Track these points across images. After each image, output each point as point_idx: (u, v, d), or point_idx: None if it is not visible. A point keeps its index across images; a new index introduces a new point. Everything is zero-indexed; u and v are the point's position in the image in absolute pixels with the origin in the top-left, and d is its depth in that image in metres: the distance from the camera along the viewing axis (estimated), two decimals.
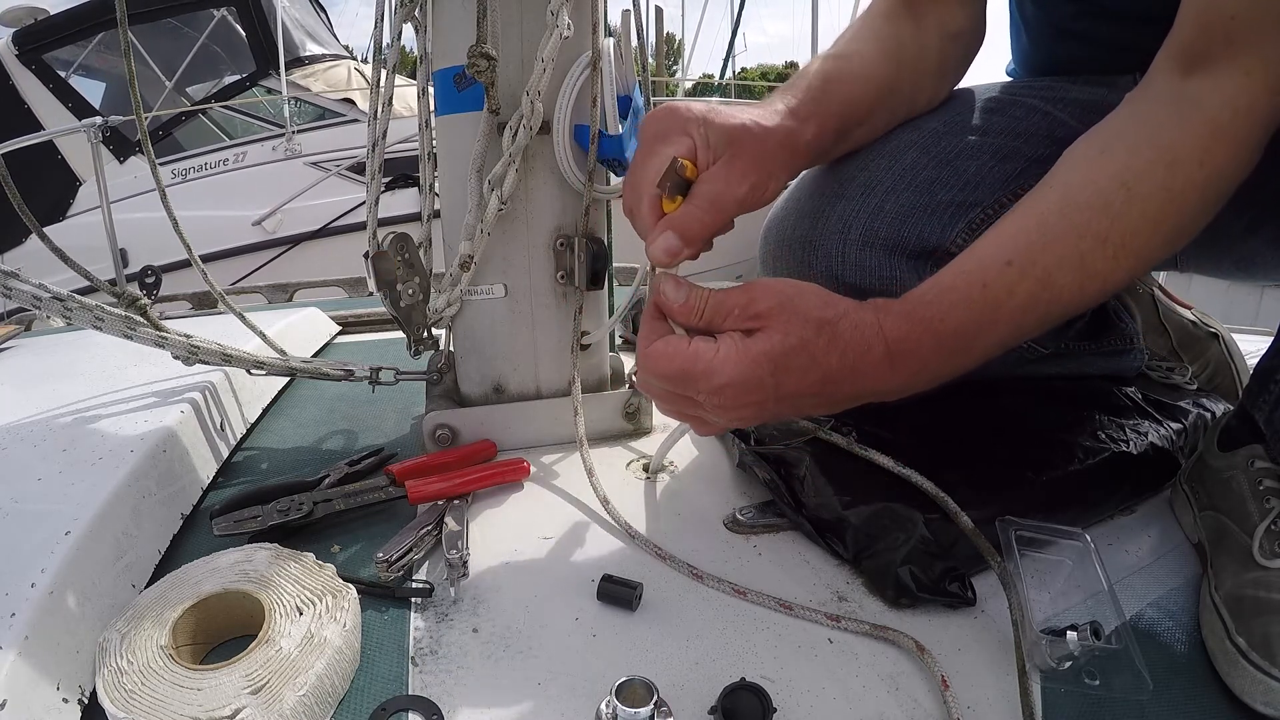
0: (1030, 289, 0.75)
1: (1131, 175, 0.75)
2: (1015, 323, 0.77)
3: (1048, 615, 0.80)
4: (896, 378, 0.76)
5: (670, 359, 0.74)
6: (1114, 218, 0.74)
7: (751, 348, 0.72)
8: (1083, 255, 0.75)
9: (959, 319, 0.75)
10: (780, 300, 0.73)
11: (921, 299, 0.77)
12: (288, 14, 6.47)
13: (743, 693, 0.69)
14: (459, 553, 0.88)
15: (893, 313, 0.76)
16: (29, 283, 1.02)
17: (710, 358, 0.72)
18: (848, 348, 0.73)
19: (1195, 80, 0.76)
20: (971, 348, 0.77)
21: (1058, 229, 0.76)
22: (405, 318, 1.11)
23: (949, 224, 0.94)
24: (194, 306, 2.56)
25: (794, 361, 0.73)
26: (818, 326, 0.73)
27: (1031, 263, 0.75)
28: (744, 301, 0.74)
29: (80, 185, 6.12)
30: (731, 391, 0.73)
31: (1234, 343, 1.27)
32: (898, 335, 0.74)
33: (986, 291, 0.75)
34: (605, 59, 1.02)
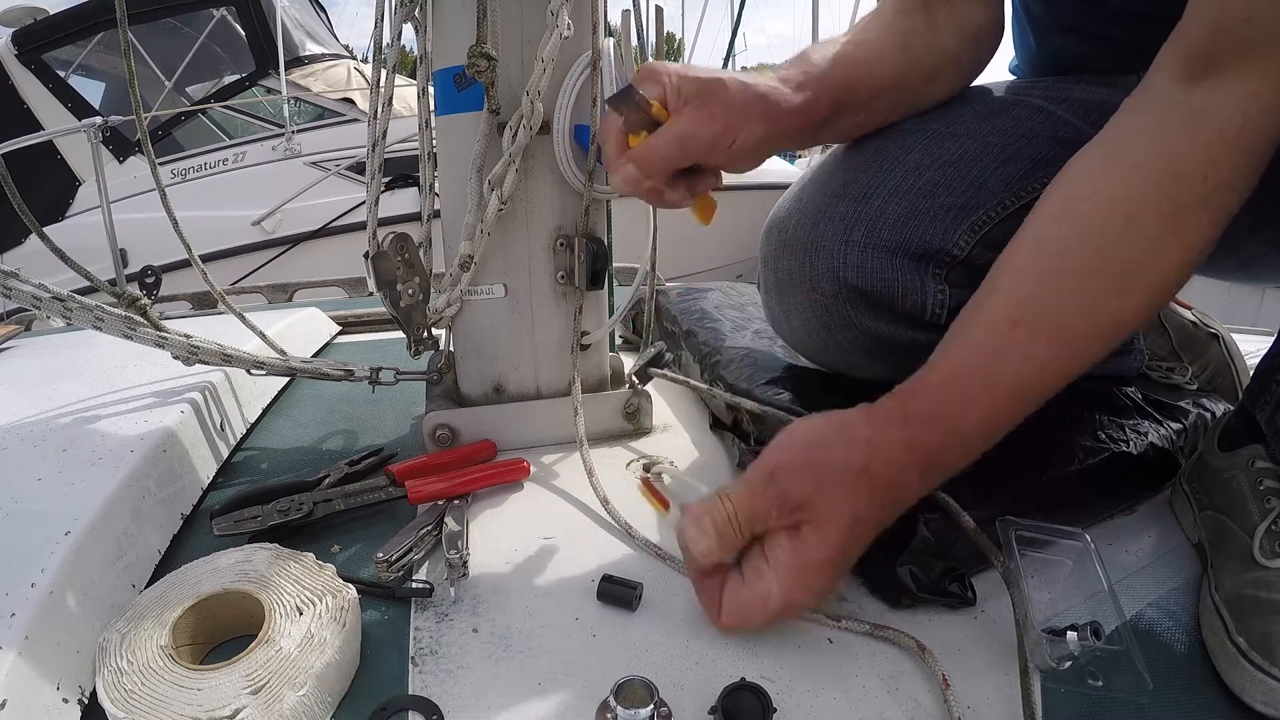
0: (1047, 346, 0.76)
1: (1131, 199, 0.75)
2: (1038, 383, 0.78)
3: (1048, 615, 0.80)
4: (926, 487, 0.79)
5: (748, 617, 0.76)
6: (1115, 247, 0.74)
7: (812, 558, 0.74)
8: (1091, 296, 0.75)
9: (982, 409, 0.77)
10: (812, 477, 0.74)
11: (942, 396, 0.77)
12: (287, 13, 6.47)
13: (743, 693, 0.69)
14: (459, 553, 0.88)
15: (918, 422, 0.76)
16: (29, 283, 1.02)
17: (780, 596, 0.74)
18: (887, 490, 0.75)
19: (1204, 86, 0.74)
20: (998, 430, 0.79)
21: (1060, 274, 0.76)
22: (405, 318, 1.11)
23: (951, 227, 0.94)
24: (194, 306, 2.55)
25: (853, 542, 0.75)
26: (855, 487, 0.74)
27: (1039, 319, 0.75)
28: (777, 497, 0.74)
29: (80, 185, 6.13)
30: (810, 596, 0.76)
31: (1234, 343, 1.27)
32: (928, 449, 0.76)
33: (1001, 362, 0.76)
34: (605, 59, 1.02)
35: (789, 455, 0.76)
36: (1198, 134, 0.73)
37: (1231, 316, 1.44)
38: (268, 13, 6.31)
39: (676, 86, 0.84)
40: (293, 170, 5.86)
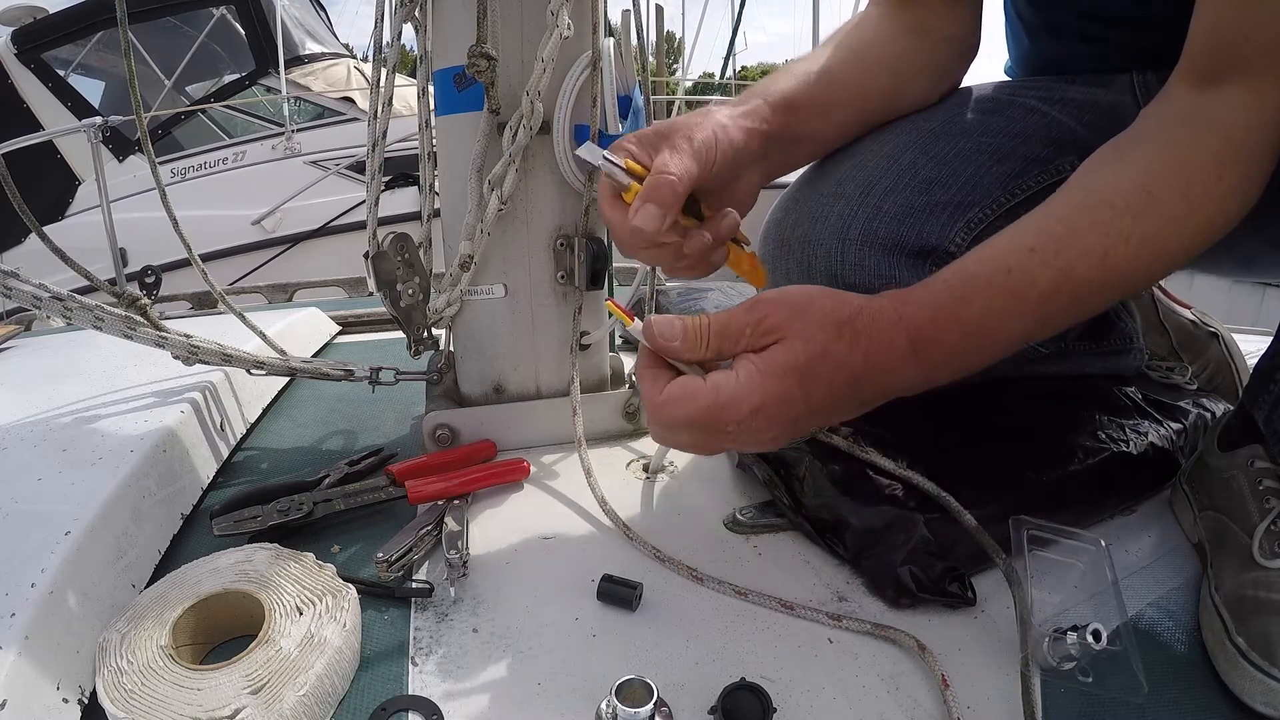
0: (1053, 278, 0.74)
1: (1152, 180, 0.75)
2: (1039, 313, 0.75)
3: (1051, 614, 0.80)
4: (920, 369, 0.74)
5: (691, 400, 0.70)
6: (1135, 217, 0.74)
7: (773, 363, 0.69)
8: (1106, 250, 0.74)
9: (982, 304, 0.74)
10: (791, 310, 0.71)
11: (944, 285, 0.75)
12: (287, 12, 6.48)
13: (743, 693, 0.69)
14: (459, 553, 0.88)
15: (913, 301, 0.74)
16: (29, 283, 1.02)
17: (733, 387, 0.69)
18: (870, 344, 0.71)
19: (1208, 96, 0.76)
20: (995, 336, 0.76)
21: (1081, 223, 0.75)
22: (405, 318, 1.11)
23: (948, 224, 0.94)
24: (194, 306, 2.56)
25: (819, 369, 0.70)
26: (836, 328, 0.70)
27: (1054, 252, 0.74)
28: (753, 320, 0.71)
29: (79, 185, 6.13)
30: (763, 415, 0.69)
31: (1234, 343, 1.27)
32: (919, 323, 0.73)
33: (1010, 277, 0.74)
34: (605, 59, 1.02)
35: (777, 293, 0.73)
36: (1205, 140, 0.75)
37: (1232, 316, 1.44)
38: (267, 12, 6.31)
39: (638, 142, 0.85)
40: (292, 169, 5.86)
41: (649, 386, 0.74)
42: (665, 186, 0.80)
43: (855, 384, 0.72)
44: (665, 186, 0.80)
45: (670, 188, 0.80)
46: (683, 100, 10.10)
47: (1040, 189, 0.96)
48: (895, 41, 1.03)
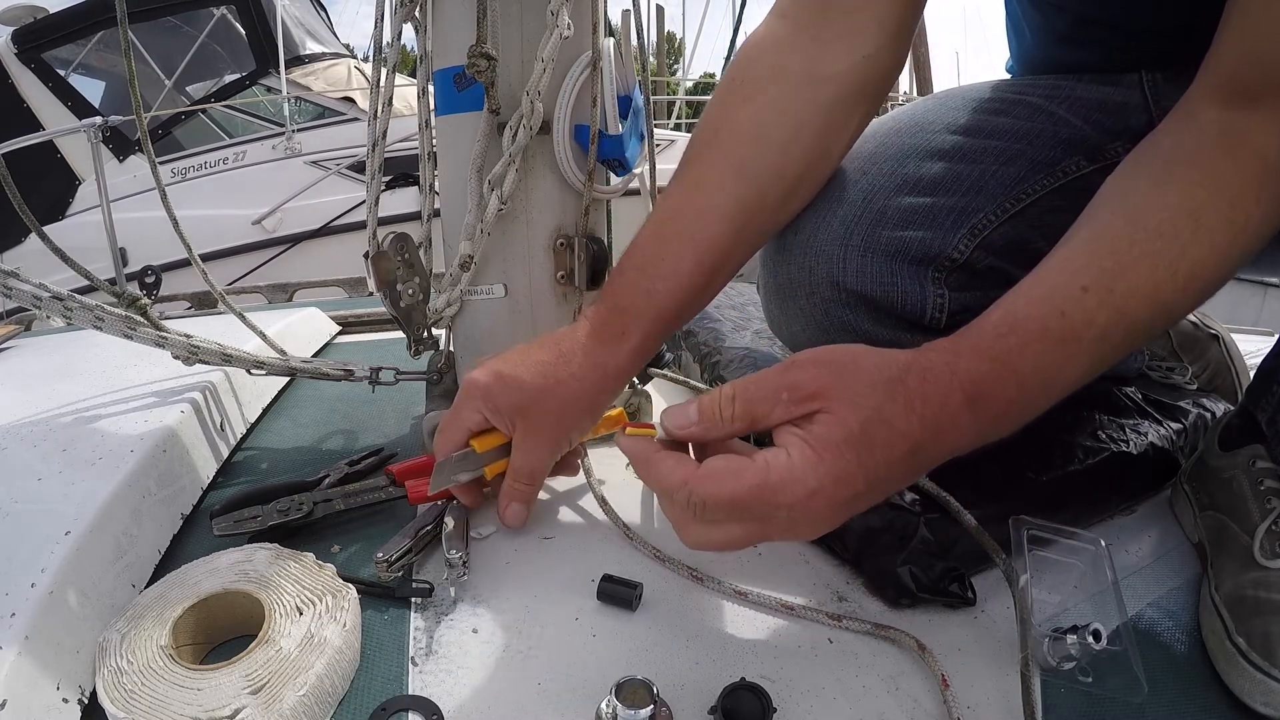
0: (1108, 318, 0.69)
1: (1197, 206, 0.70)
2: (1093, 356, 0.70)
3: (1051, 614, 0.80)
4: (978, 427, 0.68)
5: (736, 477, 0.64)
6: (1184, 246, 0.69)
7: (827, 438, 0.63)
8: (1156, 285, 0.69)
9: (1037, 353, 0.68)
10: (833, 371, 0.66)
11: (995, 332, 0.69)
12: (287, 12, 6.49)
13: (743, 692, 0.69)
14: (459, 552, 0.88)
15: (965, 352, 0.68)
16: (29, 283, 1.02)
17: (786, 465, 0.63)
18: (926, 405, 0.65)
19: (1239, 115, 0.72)
20: (1051, 386, 0.70)
21: (1131, 257, 0.70)
22: (405, 318, 1.11)
23: (951, 230, 0.94)
24: (194, 306, 2.56)
25: (876, 437, 0.63)
26: (888, 388, 0.65)
27: (1109, 290, 0.69)
28: (786, 385, 0.66)
29: (79, 185, 6.14)
30: (822, 498, 0.63)
31: (1234, 344, 1.27)
32: (975, 378, 0.67)
33: (1065, 321, 0.68)
34: (605, 59, 1.02)
35: (812, 354, 0.68)
36: (1242, 163, 0.71)
37: (1233, 317, 1.44)
38: (268, 12, 6.32)
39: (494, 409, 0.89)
40: (293, 169, 5.88)
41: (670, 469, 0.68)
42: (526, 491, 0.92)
43: (914, 452, 0.65)
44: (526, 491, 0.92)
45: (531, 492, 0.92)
46: (683, 101, 10.09)
47: (1045, 193, 0.95)
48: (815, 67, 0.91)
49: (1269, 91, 0.70)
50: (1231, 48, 0.74)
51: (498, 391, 0.85)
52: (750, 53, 0.96)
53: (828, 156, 0.97)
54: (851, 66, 0.91)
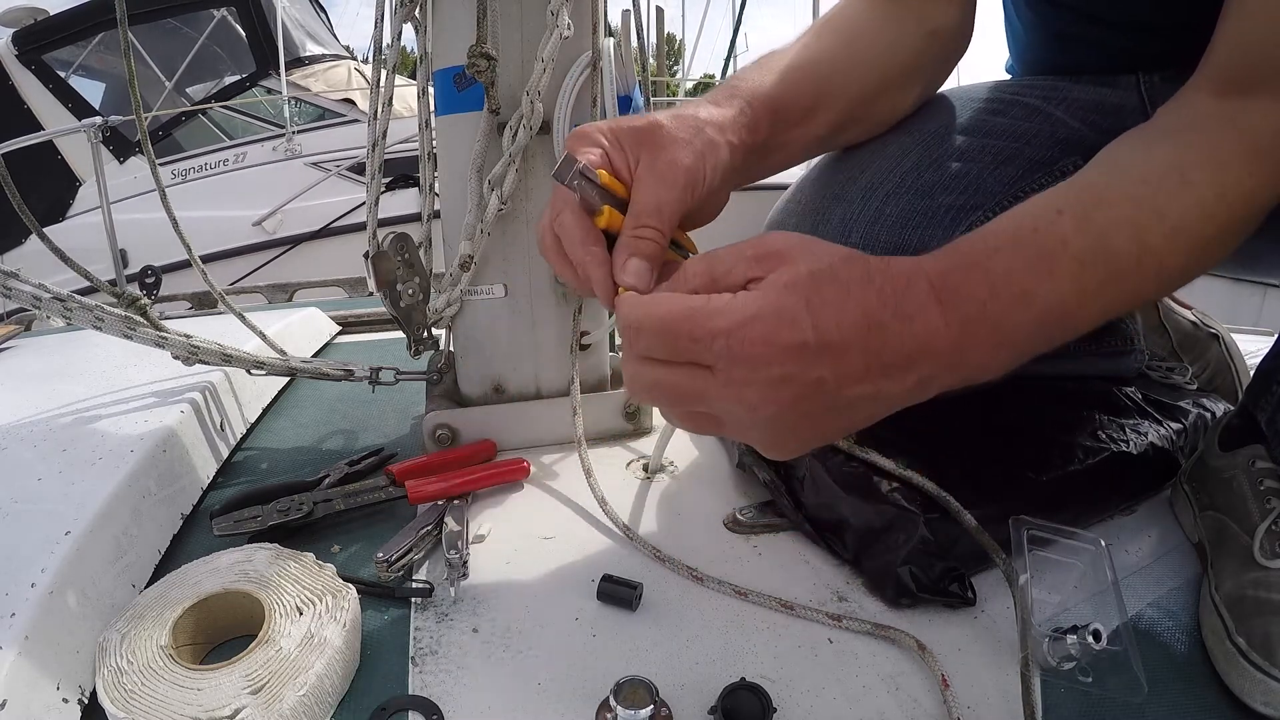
0: (1086, 244, 0.65)
1: (1185, 164, 0.69)
2: (1075, 280, 0.65)
3: (1051, 614, 0.80)
4: (949, 323, 0.61)
5: (673, 300, 0.60)
6: (1170, 196, 0.68)
7: (773, 280, 0.59)
8: (1140, 224, 0.67)
9: (1009, 258, 0.64)
10: (796, 238, 0.62)
11: (965, 239, 0.67)
12: (288, 14, 6.50)
13: (743, 693, 0.69)
14: (459, 553, 0.88)
15: (933, 255, 0.65)
16: (29, 283, 1.03)
17: (727, 297, 0.59)
18: (886, 280, 0.60)
19: (1233, 103, 0.72)
20: (1031, 298, 0.64)
21: (1112, 194, 0.68)
22: (405, 318, 1.11)
23: (950, 228, 0.94)
24: (194, 306, 2.56)
25: (826, 290, 0.58)
26: (846, 254, 0.61)
27: (1085, 217, 0.66)
28: (751, 244, 0.62)
29: (80, 186, 6.15)
30: (761, 327, 0.57)
31: (1234, 343, 1.27)
32: (942, 269, 0.63)
33: (1038, 236, 0.65)
34: (605, 59, 1.02)
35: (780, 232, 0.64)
36: (1235, 139, 0.71)
37: (1233, 317, 1.44)
38: (268, 13, 6.34)
39: (614, 141, 0.73)
40: (293, 171, 5.90)
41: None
42: (650, 240, 0.70)
43: (874, 326, 0.59)
44: (650, 240, 0.70)
45: (655, 242, 0.70)
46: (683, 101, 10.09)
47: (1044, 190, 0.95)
48: (883, 32, 0.97)
49: (1262, 82, 0.71)
50: (1227, 40, 0.75)
51: (619, 126, 0.74)
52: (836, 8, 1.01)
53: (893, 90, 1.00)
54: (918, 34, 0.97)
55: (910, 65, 0.99)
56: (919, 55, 0.99)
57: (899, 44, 0.97)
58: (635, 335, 0.61)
